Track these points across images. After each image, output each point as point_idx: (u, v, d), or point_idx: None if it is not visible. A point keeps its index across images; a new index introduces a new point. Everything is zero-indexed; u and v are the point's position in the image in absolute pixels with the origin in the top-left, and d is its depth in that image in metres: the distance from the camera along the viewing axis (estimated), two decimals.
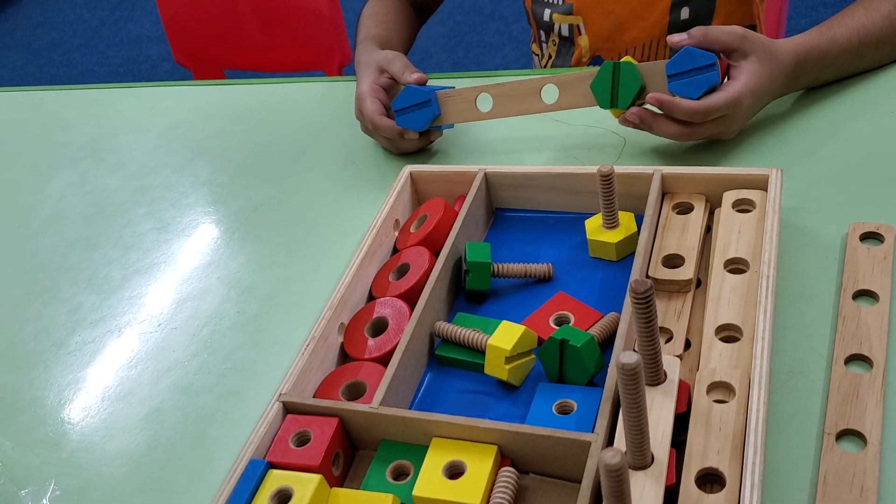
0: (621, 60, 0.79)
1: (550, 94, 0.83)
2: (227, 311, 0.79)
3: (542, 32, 1.12)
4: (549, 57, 1.13)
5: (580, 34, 1.07)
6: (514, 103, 0.85)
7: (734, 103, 0.76)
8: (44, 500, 0.66)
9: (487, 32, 2.84)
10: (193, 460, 0.66)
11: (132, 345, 0.78)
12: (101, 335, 0.80)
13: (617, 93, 0.79)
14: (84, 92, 1.23)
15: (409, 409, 0.63)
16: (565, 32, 1.08)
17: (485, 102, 0.86)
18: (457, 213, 0.74)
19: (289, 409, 0.61)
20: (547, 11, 1.09)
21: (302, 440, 0.59)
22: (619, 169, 0.72)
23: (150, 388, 0.73)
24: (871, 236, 0.68)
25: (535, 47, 1.18)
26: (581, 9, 1.05)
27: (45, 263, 0.91)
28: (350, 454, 0.61)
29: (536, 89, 0.84)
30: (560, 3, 1.07)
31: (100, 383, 0.75)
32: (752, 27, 1.06)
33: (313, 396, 0.64)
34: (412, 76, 0.88)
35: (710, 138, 0.81)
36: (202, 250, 0.87)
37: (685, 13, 1.01)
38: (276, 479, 0.57)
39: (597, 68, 0.80)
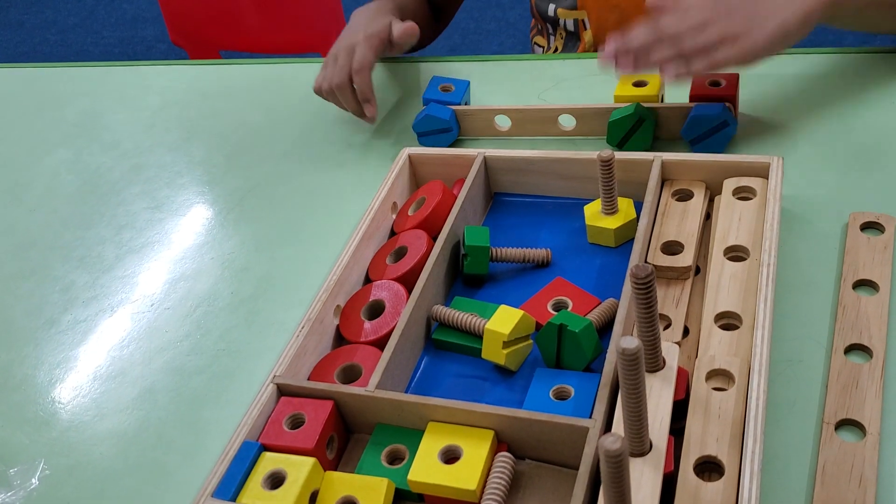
0: (646, 119, 0.78)
1: (567, 121, 0.84)
2: (221, 291, 0.78)
3: (549, 26, 1.11)
4: (556, 49, 1.12)
5: (585, 28, 1.06)
6: (531, 125, 0.86)
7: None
8: (33, 480, 0.65)
9: (484, 19, 2.83)
10: (185, 441, 0.66)
11: (125, 324, 0.77)
12: (94, 314, 0.79)
13: (629, 138, 0.80)
14: (79, 69, 1.22)
15: (405, 392, 0.62)
16: (570, 27, 1.07)
17: (503, 121, 0.87)
18: (455, 197, 0.74)
19: (283, 391, 0.60)
20: (552, 6, 1.08)
21: (296, 423, 0.59)
22: (619, 155, 0.71)
23: (142, 368, 0.73)
24: (871, 226, 0.68)
25: (539, 39, 1.16)
26: (586, 3, 1.04)
27: (37, 241, 0.90)
28: (345, 437, 0.61)
29: (554, 117, 0.84)
30: None
31: (91, 363, 0.74)
32: None
33: (308, 379, 0.63)
34: (396, 30, 0.89)
35: (726, 60, 0.71)
36: (196, 230, 0.87)
37: None
38: (270, 462, 0.56)
39: (614, 105, 0.80)
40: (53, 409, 0.71)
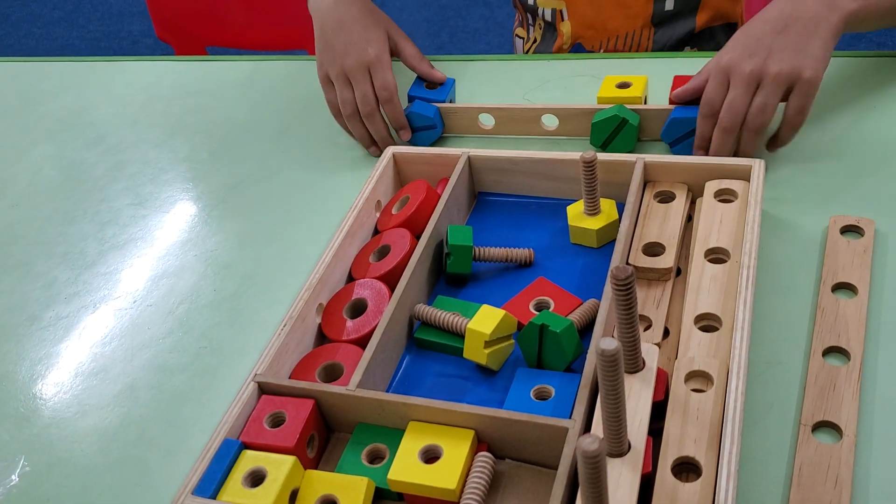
0: (629, 121, 0.78)
1: (550, 121, 0.85)
2: (204, 289, 0.78)
3: (529, 16, 1.12)
4: (535, 41, 1.12)
5: (563, 20, 1.06)
6: (515, 125, 0.86)
7: (717, 72, 0.72)
8: (13, 476, 0.65)
9: (472, 17, 2.83)
10: (166, 439, 0.66)
11: (107, 321, 0.77)
12: (76, 311, 0.79)
13: (612, 140, 0.80)
14: (63, 64, 1.21)
15: (387, 392, 0.63)
16: (549, 17, 1.08)
17: (487, 119, 0.87)
18: (439, 196, 0.74)
19: (264, 389, 0.60)
20: None
21: (277, 421, 0.59)
22: (601, 156, 0.72)
23: (123, 365, 0.72)
24: (851, 229, 0.68)
25: (520, 31, 1.17)
26: None
27: (19, 237, 0.90)
28: (325, 436, 0.61)
29: (537, 117, 0.84)
30: None
31: (73, 359, 0.74)
32: (736, 25, 1.05)
33: (289, 377, 0.63)
34: (430, 70, 0.87)
35: (802, 106, 0.72)
36: (180, 227, 0.86)
37: (670, 4, 1.00)
38: (250, 460, 0.56)
39: (598, 107, 0.81)
40: (34, 405, 0.71)
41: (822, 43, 0.72)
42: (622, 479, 0.50)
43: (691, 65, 0.87)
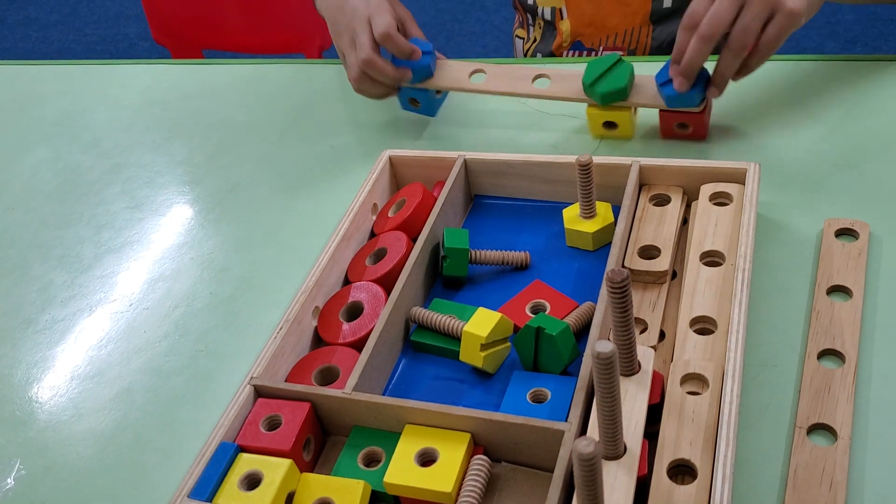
0: (624, 61, 0.79)
1: (542, 82, 0.84)
2: (200, 292, 0.78)
3: (529, 15, 1.12)
4: (535, 41, 1.13)
5: (562, 18, 1.06)
6: (504, 81, 0.85)
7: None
8: (8, 480, 0.65)
9: (469, 21, 2.83)
10: (163, 442, 0.66)
11: (103, 324, 0.77)
12: (72, 314, 0.79)
13: (605, 76, 0.79)
14: (60, 67, 1.21)
15: (383, 395, 0.63)
16: (548, 16, 1.08)
17: (478, 77, 0.86)
18: (435, 199, 0.74)
19: (260, 392, 0.60)
20: None
21: (273, 424, 0.59)
22: (597, 159, 0.72)
23: (120, 368, 0.72)
24: (846, 232, 0.68)
25: (520, 31, 1.17)
26: None
27: (15, 240, 0.90)
28: (321, 439, 0.61)
29: (530, 76, 0.84)
30: None
31: (69, 362, 0.74)
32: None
33: (285, 381, 0.63)
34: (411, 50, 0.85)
35: (780, 38, 0.72)
36: (176, 230, 0.86)
37: (668, 1, 1.01)
38: (246, 463, 0.56)
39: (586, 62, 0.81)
40: (30, 408, 0.71)
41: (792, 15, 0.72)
42: (618, 482, 0.50)
43: None
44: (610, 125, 0.83)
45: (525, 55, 1.14)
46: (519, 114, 0.91)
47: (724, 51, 0.74)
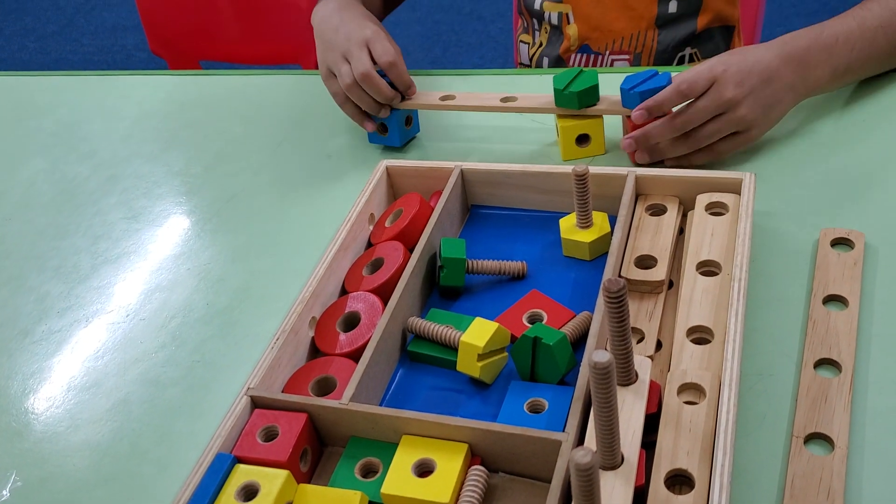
0: (585, 71, 0.81)
1: (510, 100, 0.85)
2: (197, 302, 0.78)
3: (535, 21, 1.13)
4: (541, 45, 1.13)
5: (569, 23, 1.07)
6: (473, 100, 0.87)
7: (708, 72, 0.75)
8: (4, 491, 0.65)
9: (465, 32, 2.84)
10: (159, 453, 0.65)
11: (99, 335, 0.77)
12: (68, 325, 0.79)
13: (574, 80, 0.81)
14: (57, 78, 1.21)
15: (380, 405, 0.63)
16: (555, 21, 1.09)
17: (448, 100, 0.88)
18: (432, 209, 0.74)
19: (257, 403, 0.60)
20: (538, 0, 1.09)
21: (269, 435, 0.59)
22: (593, 169, 0.72)
23: (116, 379, 0.72)
24: (841, 242, 0.69)
25: (525, 37, 1.18)
26: None
27: (12, 251, 0.90)
28: (318, 450, 0.61)
29: (497, 98, 0.85)
30: None
31: (65, 373, 0.74)
32: (733, 28, 1.07)
33: (282, 391, 0.63)
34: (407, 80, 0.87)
35: (730, 151, 0.78)
36: (173, 241, 0.86)
37: (673, 6, 1.03)
38: (243, 474, 0.56)
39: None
40: (26, 419, 0.70)
41: (781, 112, 0.79)
42: (615, 492, 0.50)
43: None
44: (583, 140, 0.83)
45: (531, 60, 1.15)
46: (514, 125, 0.91)
47: (681, 140, 0.77)
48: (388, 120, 0.88)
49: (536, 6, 1.10)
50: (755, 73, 0.76)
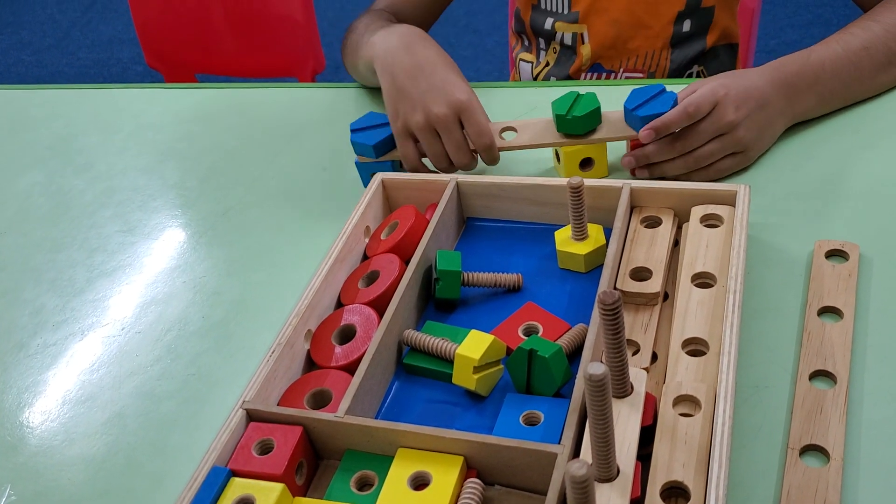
0: (583, 95, 0.80)
1: (509, 135, 0.83)
2: (192, 315, 0.78)
3: (542, 40, 1.13)
4: (547, 64, 1.13)
5: (583, 43, 1.07)
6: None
7: (711, 95, 0.76)
8: None
9: (461, 45, 2.85)
10: (154, 466, 0.65)
11: (95, 348, 0.77)
12: (64, 338, 0.79)
13: (576, 104, 0.79)
14: (53, 91, 1.21)
15: (376, 418, 0.63)
16: (568, 41, 1.09)
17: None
18: (428, 222, 0.74)
19: (252, 416, 0.60)
20: (549, 20, 1.09)
21: (265, 448, 0.58)
22: (588, 182, 0.72)
23: (111, 392, 0.72)
24: (836, 254, 0.69)
25: (526, 55, 1.17)
26: (586, 17, 1.06)
27: (7, 264, 0.89)
28: (314, 463, 0.61)
29: (496, 130, 0.82)
30: (565, 11, 1.07)
31: (61, 387, 0.74)
32: (737, 46, 1.09)
33: (278, 404, 0.63)
34: (494, 145, 0.80)
35: (727, 170, 0.79)
36: (168, 254, 0.86)
37: (687, 25, 1.04)
38: (238, 488, 0.56)
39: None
40: (21, 433, 0.70)
41: (773, 136, 0.81)
42: None
43: None
44: (586, 163, 0.82)
45: (535, 79, 1.15)
46: None
47: (681, 160, 0.78)
48: (382, 167, 0.84)
49: (548, 27, 1.10)
50: (752, 97, 0.77)
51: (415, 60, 0.82)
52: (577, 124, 0.79)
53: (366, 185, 0.86)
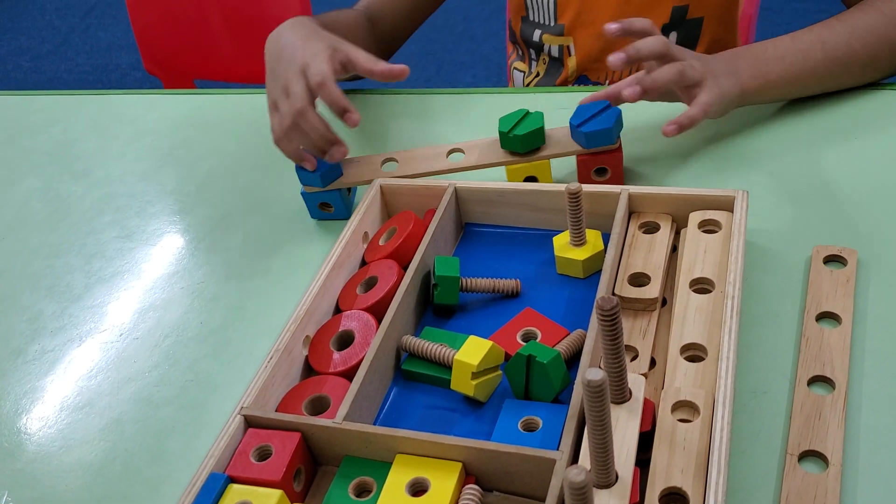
0: (531, 112, 0.80)
1: (457, 156, 0.83)
2: (191, 321, 0.78)
3: (532, 51, 1.13)
4: (538, 75, 1.13)
5: (570, 55, 1.07)
6: (418, 163, 0.83)
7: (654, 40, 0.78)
8: None
9: (459, 51, 2.86)
10: (152, 473, 0.65)
11: (93, 354, 0.77)
12: (62, 344, 0.79)
13: (520, 123, 0.79)
14: (51, 98, 1.21)
15: (374, 424, 0.62)
16: (555, 53, 1.09)
17: (390, 166, 0.84)
18: (426, 227, 0.74)
19: (250, 422, 0.60)
20: (537, 32, 1.10)
21: (263, 455, 0.58)
22: (587, 187, 0.72)
23: (109, 398, 0.72)
24: (834, 259, 0.69)
25: (520, 65, 1.18)
26: (572, 30, 1.06)
27: (5, 270, 0.89)
28: (312, 470, 0.61)
29: (443, 153, 0.83)
30: (551, 24, 1.07)
31: (58, 393, 0.74)
32: None
33: (276, 410, 0.63)
34: (379, 66, 0.79)
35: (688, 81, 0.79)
36: (167, 260, 0.86)
37: (673, 37, 1.03)
38: (236, 494, 0.56)
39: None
40: (19, 440, 0.70)
41: (730, 86, 0.80)
42: None
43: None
44: (531, 180, 0.81)
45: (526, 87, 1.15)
46: None
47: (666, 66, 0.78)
48: (329, 196, 0.84)
49: (536, 38, 1.10)
50: (689, 53, 0.80)
51: (282, 43, 0.85)
52: (517, 143, 0.79)
53: (313, 216, 0.86)
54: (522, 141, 0.79)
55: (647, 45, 0.78)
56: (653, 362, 0.63)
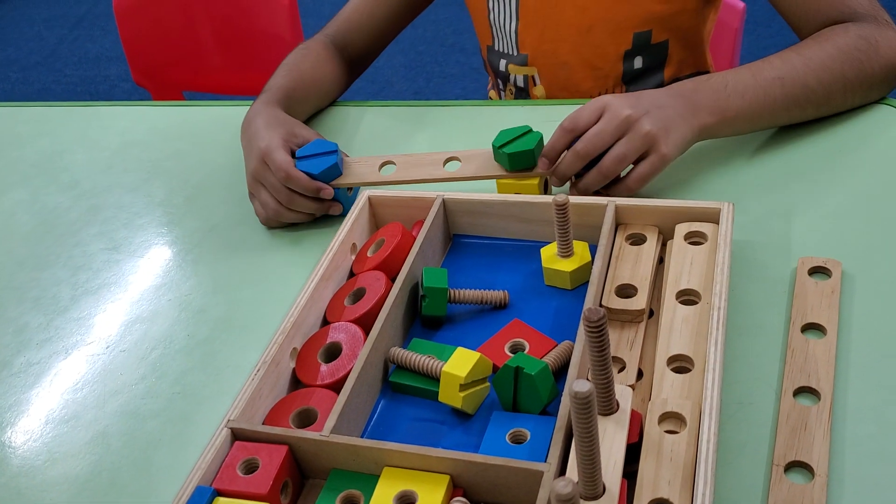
0: (531, 130, 0.81)
1: (453, 165, 0.83)
2: (177, 334, 0.78)
3: (500, 81, 1.13)
4: None
5: (535, 84, 1.08)
6: (416, 170, 0.84)
7: (593, 104, 0.77)
8: None
9: (448, 63, 2.87)
10: (138, 486, 0.65)
11: (79, 367, 0.76)
12: (47, 356, 0.78)
13: (514, 142, 0.80)
14: (39, 109, 1.21)
15: (361, 437, 0.62)
16: (521, 83, 1.09)
17: (388, 169, 0.85)
18: (414, 239, 0.74)
19: (237, 435, 0.60)
20: (503, 62, 1.10)
21: (250, 468, 0.58)
22: (574, 199, 0.73)
23: (95, 411, 0.72)
24: (819, 270, 0.69)
25: (492, 94, 1.18)
26: (535, 60, 1.06)
27: None
28: (299, 483, 0.60)
29: (440, 161, 0.84)
30: (514, 54, 1.07)
31: (44, 406, 0.73)
32: (706, 73, 1.08)
33: (263, 423, 0.63)
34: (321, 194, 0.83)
35: (647, 176, 0.77)
36: (154, 272, 0.86)
37: (639, 62, 1.03)
38: None
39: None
40: (3, 454, 0.70)
41: (681, 137, 0.78)
42: None
43: None
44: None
45: None
46: None
47: (595, 170, 0.77)
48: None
49: (502, 68, 1.10)
50: (645, 98, 0.78)
51: (248, 132, 0.90)
52: (505, 160, 0.80)
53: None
54: (510, 159, 0.79)
55: (567, 164, 0.77)
56: (640, 374, 0.63)
